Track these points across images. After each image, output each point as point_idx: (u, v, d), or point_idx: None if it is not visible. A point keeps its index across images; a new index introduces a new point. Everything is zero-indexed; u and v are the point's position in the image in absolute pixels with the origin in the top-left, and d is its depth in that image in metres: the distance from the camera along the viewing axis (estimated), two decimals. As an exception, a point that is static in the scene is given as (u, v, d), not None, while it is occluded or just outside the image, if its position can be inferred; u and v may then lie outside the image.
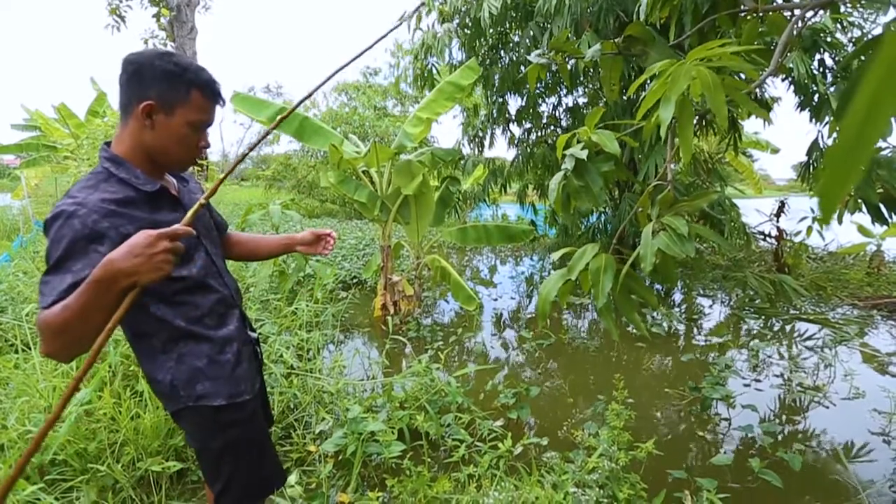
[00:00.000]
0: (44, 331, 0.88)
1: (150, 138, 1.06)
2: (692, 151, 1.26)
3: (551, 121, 6.85)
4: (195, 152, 1.13)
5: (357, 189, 3.85)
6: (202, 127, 1.11)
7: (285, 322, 3.24)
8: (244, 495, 1.29)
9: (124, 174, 1.05)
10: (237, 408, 1.21)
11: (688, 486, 2.01)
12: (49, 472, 1.84)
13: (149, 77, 1.02)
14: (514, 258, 8.18)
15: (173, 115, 1.04)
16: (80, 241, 0.93)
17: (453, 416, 2.31)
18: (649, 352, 3.75)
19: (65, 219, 0.93)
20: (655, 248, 1.20)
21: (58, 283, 0.91)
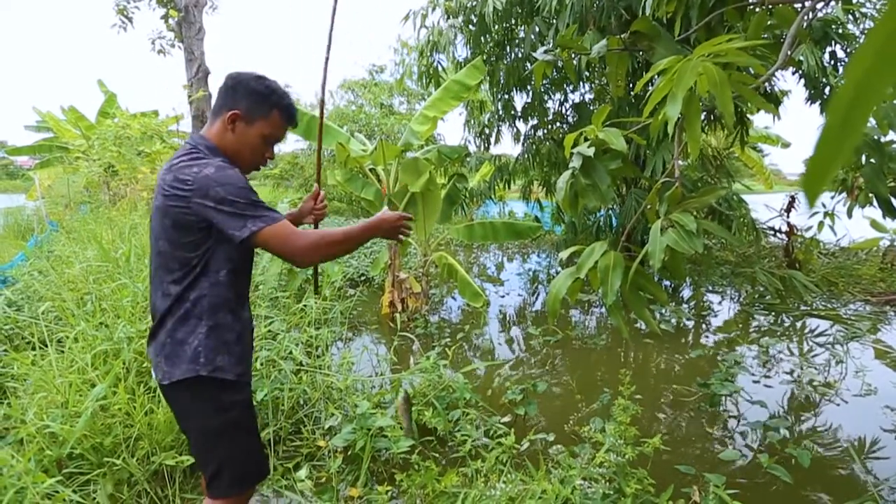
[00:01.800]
0: (319, 243, 1.20)
1: (229, 140, 1.28)
2: (700, 147, 1.26)
3: (557, 117, 6.82)
4: (261, 161, 1.34)
5: (364, 187, 3.88)
6: (272, 141, 1.33)
7: (294, 319, 3.27)
8: (235, 481, 1.31)
9: (218, 161, 1.24)
10: (240, 388, 1.29)
11: (696, 482, 2.01)
12: (67, 466, 1.88)
13: (242, 92, 1.26)
14: (521, 255, 8.17)
15: (252, 126, 1.26)
16: (250, 189, 1.19)
17: (461, 412, 2.33)
18: (657, 348, 3.74)
19: (231, 169, 1.18)
20: (664, 245, 1.21)
21: (273, 212, 1.19)
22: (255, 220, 1.15)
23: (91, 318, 2.62)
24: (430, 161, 3.74)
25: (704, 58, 1.15)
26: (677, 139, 1.34)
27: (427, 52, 5.68)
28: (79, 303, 2.99)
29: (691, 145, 1.23)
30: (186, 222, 1.16)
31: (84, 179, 8.48)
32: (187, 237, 1.18)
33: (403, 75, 7.14)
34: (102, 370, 2.22)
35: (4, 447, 1.83)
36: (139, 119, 7.53)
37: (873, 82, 0.24)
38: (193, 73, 5.98)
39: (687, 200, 1.28)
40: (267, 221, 1.16)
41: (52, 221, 7.33)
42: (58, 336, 2.59)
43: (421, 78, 5.85)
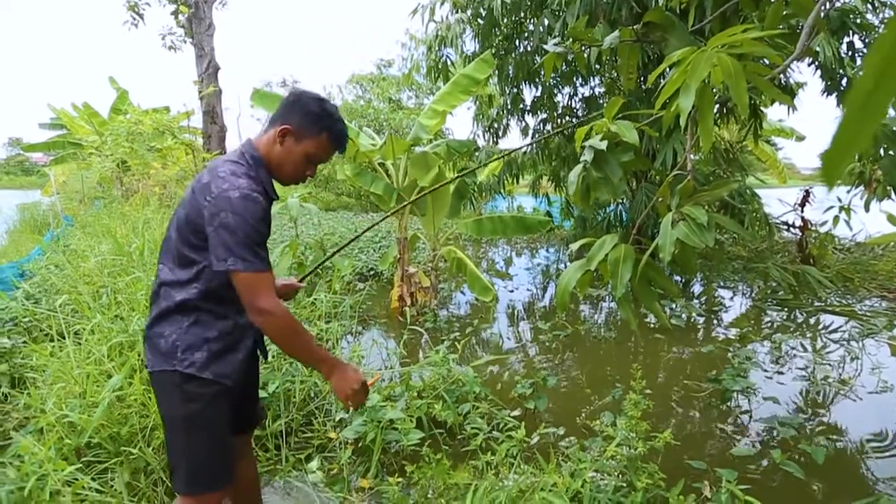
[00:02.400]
0: (280, 322, 1.18)
1: (276, 153, 1.31)
2: (712, 140, 1.25)
3: (566, 111, 6.76)
4: (301, 177, 1.37)
5: (373, 181, 3.89)
6: (316, 162, 1.35)
7: (304, 313, 3.30)
8: (191, 479, 1.30)
9: (262, 175, 1.29)
10: (208, 384, 1.26)
11: (707, 477, 2.00)
12: (86, 454, 1.93)
13: (298, 109, 1.29)
14: (530, 250, 8.15)
15: (300, 144, 1.29)
16: (261, 224, 1.21)
17: (471, 406, 2.34)
18: (668, 343, 3.72)
19: (253, 201, 1.18)
20: (674, 238, 1.20)
21: (262, 262, 1.18)
22: (239, 261, 1.14)
23: (107, 310, 2.66)
24: (440, 155, 3.73)
25: (719, 49, 1.13)
26: (690, 132, 1.33)
27: (435, 46, 5.66)
28: (94, 296, 3.05)
29: (704, 138, 1.22)
30: (197, 225, 1.20)
31: (97, 175, 8.61)
32: (194, 237, 1.21)
33: (412, 70, 7.12)
34: (118, 361, 2.26)
35: (26, 436, 1.88)
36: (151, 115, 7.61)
37: (893, 71, 0.24)
38: (204, 68, 6.02)
39: (699, 193, 1.27)
40: (247, 268, 1.15)
41: (67, 216, 7.46)
42: (75, 328, 2.64)
43: (430, 72, 5.83)
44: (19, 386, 2.48)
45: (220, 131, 6.01)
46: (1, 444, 2.05)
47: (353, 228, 7.58)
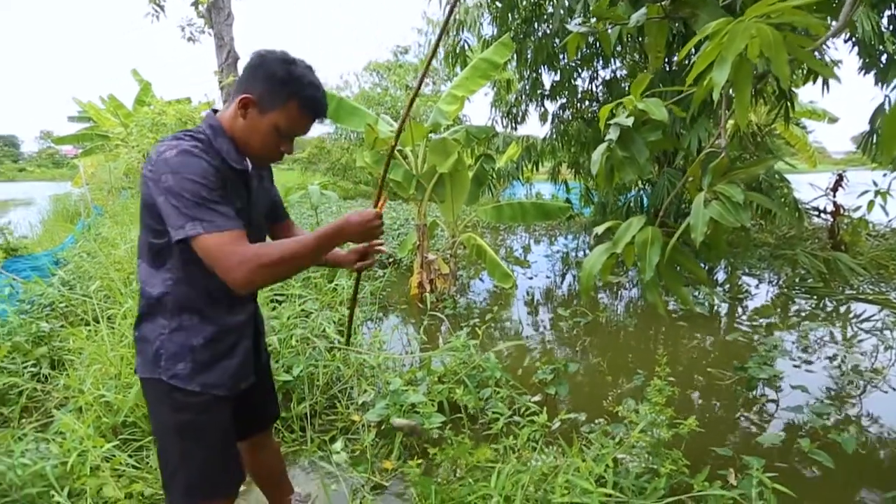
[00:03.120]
0: (259, 264, 0.99)
1: (239, 127, 1.11)
2: (749, 116, 1.20)
3: (586, 95, 6.62)
4: (274, 155, 1.16)
5: (392, 168, 3.88)
6: (289, 134, 1.13)
7: (326, 298, 3.35)
8: (189, 489, 1.20)
9: (222, 144, 1.11)
10: (198, 395, 1.15)
11: (732, 465, 1.97)
12: (121, 433, 2.01)
13: (262, 75, 1.07)
14: (549, 238, 8.07)
15: (264, 116, 1.08)
16: (210, 180, 1.03)
17: (491, 391, 2.35)
18: (691, 331, 3.66)
19: (194, 156, 1.02)
20: (707, 218, 1.16)
21: (222, 217, 1.01)
22: (196, 224, 0.97)
23: (137, 295, 2.75)
24: (458, 141, 3.70)
25: (757, 19, 1.08)
26: (724, 107, 1.28)
27: (453, 31, 5.59)
28: (125, 281, 3.15)
29: (739, 113, 1.17)
30: (149, 206, 1.05)
31: (124, 166, 8.83)
32: (150, 220, 1.07)
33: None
34: (150, 344, 2.33)
35: (66, 414, 1.97)
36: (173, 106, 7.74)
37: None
38: (223, 58, 6.07)
39: (733, 172, 1.22)
40: (207, 228, 0.97)
41: (97, 206, 7.69)
42: (108, 313, 2.74)
43: (447, 57, 5.76)
44: (58, 368, 2.59)
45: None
46: (44, 422, 2.15)
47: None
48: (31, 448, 1.80)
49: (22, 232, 6.45)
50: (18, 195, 8.41)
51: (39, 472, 1.69)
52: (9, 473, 1.64)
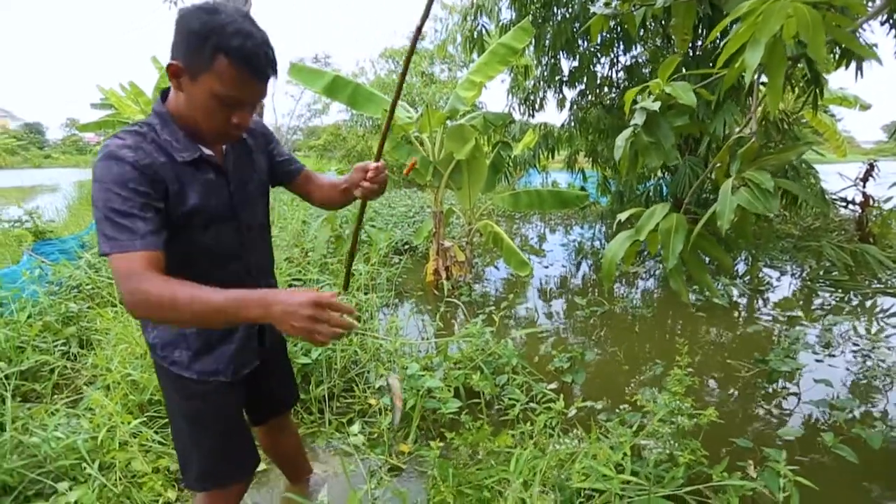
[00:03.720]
0: (147, 300, 0.86)
1: (181, 102, 0.97)
2: (781, 100, 1.16)
3: (605, 81, 6.48)
4: (227, 129, 0.96)
5: (409, 154, 3.87)
6: (233, 102, 0.92)
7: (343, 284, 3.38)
8: (201, 475, 1.21)
9: (169, 132, 0.98)
10: (205, 383, 1.14)
11: (752, 456, 1.95)
12: (148, 410, 2.07)
13: (182, 34, 0.89)
14: (564, 227, 7.99)
15: (196, 83, 0.90)
16: (126, 188, 0.90)
17: (508, 377, 2.36)
18: (708, 322, 3.60)
19: (116, 161, 0.90)
20: (734, 205, 1.13)
21: (130, 236, 0.89)
22: (104, 241, 0.89)
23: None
24: (476, 128, 3.67)
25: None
26: (755, 91, 1.24)
27: (471, 15, 5.50)
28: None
29: (771, 97, 1.13)
30: None
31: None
32: None
33: (446, 41, 6.96)
34: (173, 326, 2.39)
35: (95, 391, 2.04)
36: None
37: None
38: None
39: (764, 158, 1.19)
40: (112, 248, 0.88)
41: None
42: (132, 295, 2.80)
43: (465, 43, 5.69)
44: (86, 347, 2.68)
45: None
46: (74, 398, 2.23)
47: (386, 203, 7.64)
48: (63, 423, 1.87)
49: (49, 216, 6.64)
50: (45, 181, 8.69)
51: (71, 446, 1.76)
52: (44, 446, 1.71)
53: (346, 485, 1.82)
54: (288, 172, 1.31)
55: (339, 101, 3.82)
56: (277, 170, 1.29)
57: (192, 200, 1.00)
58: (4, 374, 2.14)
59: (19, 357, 2.36)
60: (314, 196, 1.36)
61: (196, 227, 1.03)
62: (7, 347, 2.35)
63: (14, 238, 3.93)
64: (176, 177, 0.98)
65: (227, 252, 1.12)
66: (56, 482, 1.67)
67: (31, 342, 2.46)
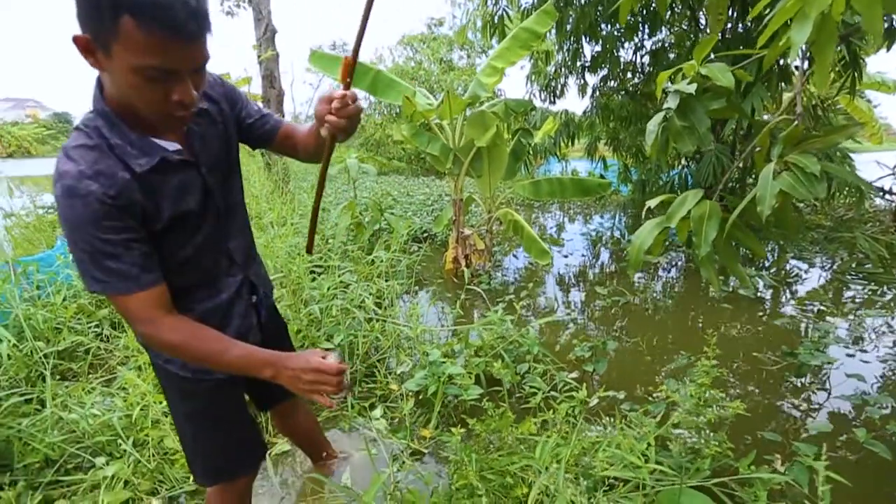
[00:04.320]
0: (166, 345, 0.92)
1: (109, 87, 0.83)
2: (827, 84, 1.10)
3: (628, 67, 6.31)
4: (168, 108, 0.79)
5: (430, 142, 3.85)
6: (156, 76, 0.74)
7: (363, 270, 3.41)
8: (207, 472, 1.22)
9: (120, 137, 0.85)
10: (201, 381, 1.11)
11: (779, 450, 1.91)
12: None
13: (80, 4, 0.72)
14: (584, 216, 7.88)
15: (111, 57, 0.73)
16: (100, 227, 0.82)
17: (529, 366, 2.35)
18: (734, 314, 3.52)
19: (80, 198, 0.80)
20: (776, 191, 1.09)
21: (123, 267, 0.85)
22: (93, 282, 0.85)
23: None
24: (497, 115, 3.61)
25: (849, -32, 0.98)
26: (800, 70, 1.18)
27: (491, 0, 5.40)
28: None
29: (819, 77, 1.08)
30: None
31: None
32: None
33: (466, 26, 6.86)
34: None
35: (128, 372, 2.10)
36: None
37: None
38: (262, 32, 6.11)
39: (808, 141, 1.13)
40: (106, 289, 0.86)
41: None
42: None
43: (485, 28, 5.59)
44: (118, 329, 2.76)
45: (278, 95, 6.13)
46: (107, 378, 2.31)
47: (404, 192, 7.64)
48: (99, 401, 1.95)
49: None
50: (73, 169, 8.98)
51: (107, 423, 1.82)
52: (82, 422, 1.78)
53: (368, 467, 1.85)
54: (265, 133, 1.14)
55: (359, 88, 3.80)
56: (252, 133, 1.13)
57: (166, 212, 0.90)
58: (43, 354, 2.23)
59: (56, 337, 2.45)
60: (299, 151, 1.17)
61: (174, 231, 0.94)
62: (45, 328, 2.44)
63: (48, 224, 4.06)
64: (144, 192, 0.86)
65: (211, 247, 1.04)
66: (94, 457, 1.74)
67: (67, 323, 2.55)
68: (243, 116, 1.10)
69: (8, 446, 1.71)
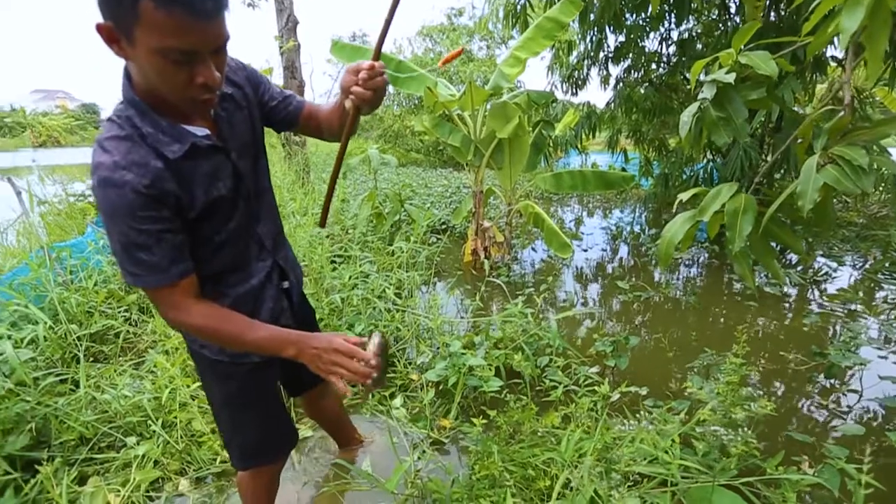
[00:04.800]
0: (196, 332, 0.97)
1: (135, 74, 0.84)
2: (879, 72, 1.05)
3: (652, 57, 6.15)
4: (193, 92, 0.80)
5: (451, 133, 3.82)
6: (179, 58, 0.75)
7: (383, 261, 3.43)
8: (244, 455, 1.25)
9: (149, 128, 0.86)
10: (238, 365, 1.14)
11: (807, 451, 1.87)
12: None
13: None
14: (603, 210, 7.77)
15: (134, 43, 0.74)
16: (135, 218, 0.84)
17: (549, 359, 2.34)
18: (759, 312, 3.44)
19: (115, 188, 0.82)
20: (819, 184, 1.05)
21: (154, 259, 0.87)
22: (127, 275, 0.89)
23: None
24: (520, 106, 3.57)
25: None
26: (849, 57, 1.13)
27: (515, -12, 5.30)
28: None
29: (872, 65, 1.03)
30: None
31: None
32: None
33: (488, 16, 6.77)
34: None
35: (156, 355, 2.16)
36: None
37: None
38: (283, 23, 6.13)
39: (856, 132, 1.09)
40: (138, 282, 0.89)
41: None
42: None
43: (507, 17, 5.50)
44: (146, 314, 2.84)
45: (299, 86, 6.17)
46: (136, 361, 2.38)
47: (423, 183, 7.64)
48: (129, 383, 2.01)
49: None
50: (100, 158, 9.22)
51: (138, 404, 1.88)
52: (114, 403, 1.84)
53: (389, 455, 1.87)
54: (288, 115, 1.13)
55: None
56: (276, 116, 1.12)
57: (199, 200, 0.92)
58: (77, 336, 2.31)
59: (89, 321, 2.53)
60: (323, 130, 1.15)
61: (208, 219, 0.96)
62: (78, 312, 2.52)
63: (79, 211, 4.18)
64: (177, 180, 0.88)
65: (242, 232, 1.05)
66: (125, 436, 1.80)
67: (99, 307, 2.63)
68: (266, 99, 1.10)
69: (46, 424, 1.78)
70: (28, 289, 2.48)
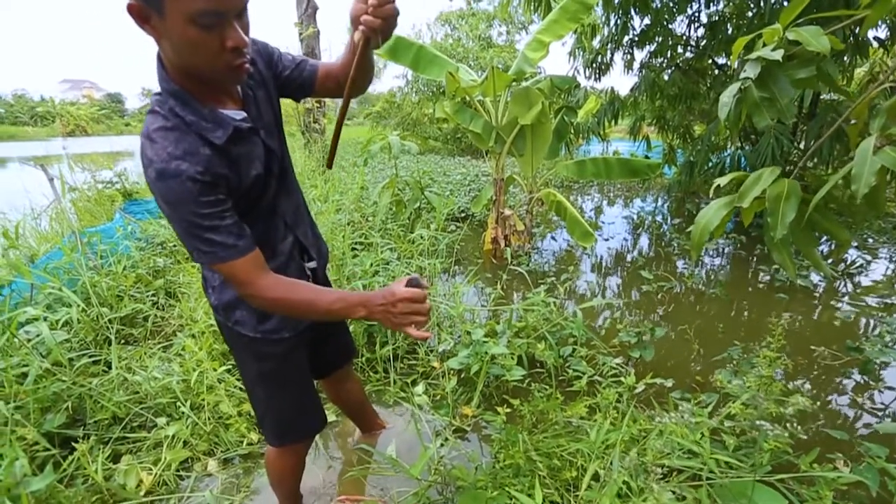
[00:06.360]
0: (271, 305, 0.96)
1: (167, 51, 0.83)
2: None
3: (678, 40, 5.93)
4: (226, 57, 0.81)
5: (472, 119, 3.77)
6: (210, 22, 0.76)
7: (405, 248, 3.42)
8: (278, 432, 1.27)
9: (191, 116, 0.87)
10: (272, 343, 1.15)
11: (842, 449, 1.81)
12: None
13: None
14: (624, 199, 7.61)
15: (165, 17, 0.75)
16: (197, 203, 0.87)
17: (572, 349, 2.30)
18: (789, 304, 3.33)
19: (173, 178, 0.84)
20: (876, 168, 0.98)
21: (220, 238, 0.90)
22: (198, 254, 0.91)
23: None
24: (543, 91, 3.49)
25: None
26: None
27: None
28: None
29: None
30: None
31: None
32: None
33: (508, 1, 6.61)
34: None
35: (184, 339, 2.20)
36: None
37: None
38: (303, 9, 6.11)
39: (918, 112, 1.02)
40: (212, 259, 0.90)
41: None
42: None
43: (529, 1, 5.37)
44: (173, 298, 2.90)
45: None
46: (164, 344, 2.43)
47: (441, 171, 7.59)
48: (158, 365, 2.05)
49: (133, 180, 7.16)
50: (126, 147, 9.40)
51: (167, 386, 1.92)
52: (144, 384, 1.88)
53: (412, 441, 1.88)
54: (304, 80, 1.10)
55: (402, 64, 3.75)
56: (292, 84, 1.09)
57: (245, 180, 0.96)
58: (108, 319, 2.37)
59: (119, 304, 2.60)
60: (341, 85, 1.08)
61: (248, 197, 0.99)
62: (108, 295, 2.59)
63: (107, 198, 4.28)
64: (226, 163, 0.91)
65: (272, 210, 1.08)
66: (156, 417, 1.85)
67: (128, 292, 2.69)
68: (280, 70, 1.08)
69: (81, 403, 1.83)
70: (61, 272, 2.55)
